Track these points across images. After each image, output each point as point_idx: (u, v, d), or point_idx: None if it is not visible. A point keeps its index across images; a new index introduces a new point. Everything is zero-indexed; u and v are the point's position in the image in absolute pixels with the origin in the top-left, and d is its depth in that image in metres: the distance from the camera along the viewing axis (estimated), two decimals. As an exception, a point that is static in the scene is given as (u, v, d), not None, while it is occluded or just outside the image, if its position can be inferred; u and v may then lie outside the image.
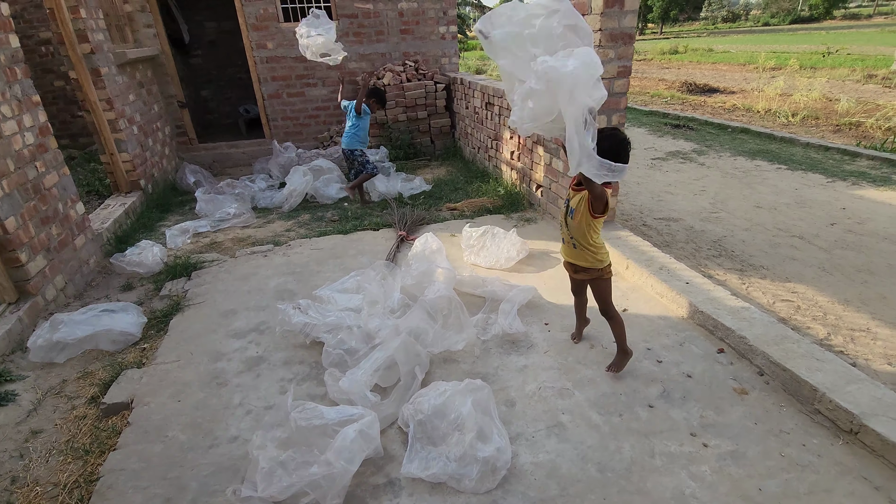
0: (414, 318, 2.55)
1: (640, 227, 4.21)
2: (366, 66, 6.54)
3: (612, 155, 1.90)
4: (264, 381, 2.44)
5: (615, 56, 3.17)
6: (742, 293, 3.11)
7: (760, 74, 14.02)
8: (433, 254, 3.18)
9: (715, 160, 6.12)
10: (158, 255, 3.72)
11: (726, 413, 2.10)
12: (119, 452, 2.05)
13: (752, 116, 9.48)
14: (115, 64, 4.82)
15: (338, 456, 1.75)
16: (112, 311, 2.92)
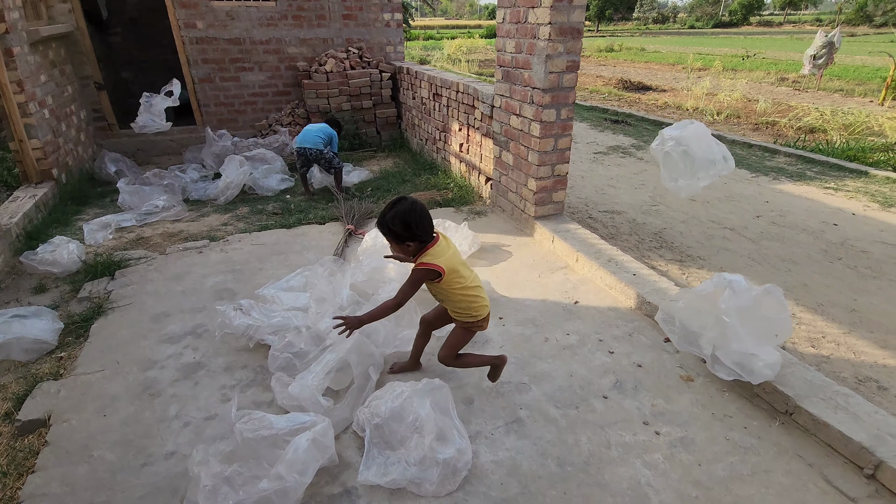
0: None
1: (586, 219, 4.31)
2: (306, 51, 6.25)
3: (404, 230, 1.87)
4: (204, 390, 2.25)
5: (564, 50, 3.19)
6: (683, 283, 3.25)
7: (689, 74, 14.83)
8: (384, 248, 3.07)
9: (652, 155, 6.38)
10: (75, 253, 3.36)
11: (675, 401, 2.17)
12: (38, 475, 1.82)
13: (682, 114, 10.00)
14: (28, 43, 4.29)
15: (289, 468, 1.63)
16: (23, 316, 2.60)
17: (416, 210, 1.92)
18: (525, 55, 3.40)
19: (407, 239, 1.93)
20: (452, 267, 1.95)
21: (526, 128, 3.55)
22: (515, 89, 3.60)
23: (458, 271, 1.98)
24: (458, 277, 1.98)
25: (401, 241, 1.94)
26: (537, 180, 3.58)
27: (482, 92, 4.17)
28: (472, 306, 2.04)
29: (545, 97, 3.30)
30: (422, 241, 1.95)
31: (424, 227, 1.93)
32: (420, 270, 1.94)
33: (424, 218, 1.93)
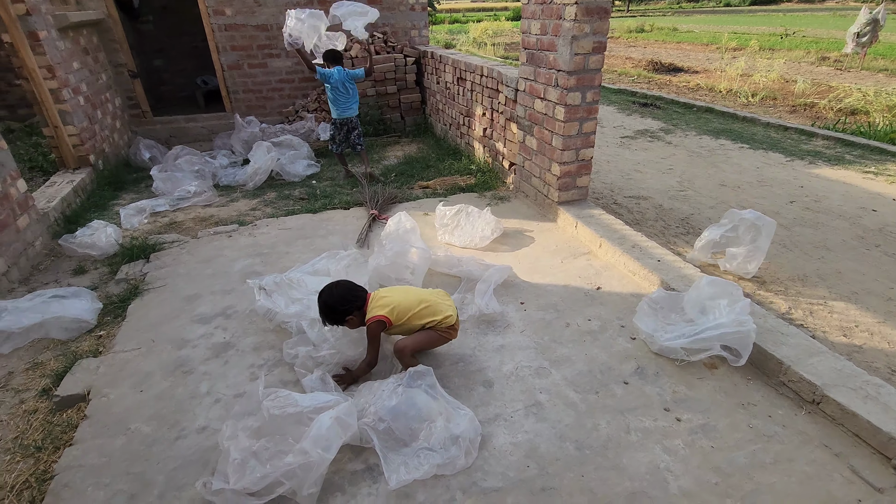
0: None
1: (610, 205, 4.24)
2: (331, 36, 6.25)
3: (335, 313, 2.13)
4: (233, 369, 2.34)
5: (591, 31, 3.12)
6: (708, 270, 3.18)
7: (722, 55, 14.29)
8: (407, 233, 3.11)
9: (681, 139, 6.22)
10: (112, 236, 3.50)
11: (697, 388, 2.15)
12: (76, 448, 1.93)
13: (714, 96, 9.68)
14: (56, 28, 4.43)
15: (314, 444, 1.69)
16: (63, 296, 2.73)
17: (333, 293, 2.14)
18: (550, 37, 3.33)
19: (344, 316, 2.14)
20: (392, 308, 2.13)
21: (550, 111, 3.50)
22: (540, 72, 3.54)
23: (402, 307, 2.14)
24: (405, 311, 2.15)
25: (341, 322, 2.16)
26: (561, 165, 3.54)
27: (506, 75, 4.11)
28: (434, 324, 2.18)
29: (570, 80, 3.24)
30: (357, 308, 2.15)
31: (347, 300, 2.14)
32: (371, 328, 2.13)
33: (344, 294, 2.15)
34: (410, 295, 2.23)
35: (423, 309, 2.18)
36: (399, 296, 2.20)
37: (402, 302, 2.17)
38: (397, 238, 3.05)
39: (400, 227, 3.13)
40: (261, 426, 1.82)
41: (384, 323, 2.12)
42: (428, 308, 2.19)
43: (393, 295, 2.21)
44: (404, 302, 2.17)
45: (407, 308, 2.15)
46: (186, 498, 1.73)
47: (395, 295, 2.21)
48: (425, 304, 2.19)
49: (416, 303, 2.18)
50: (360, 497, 1.73)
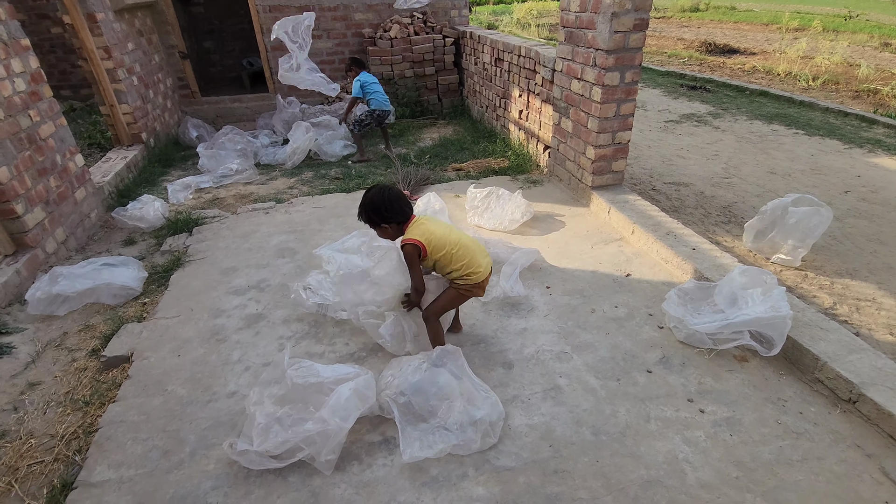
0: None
1: (648, 191, 4.11)
2: (372, 17, 6.28)
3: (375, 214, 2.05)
4: (263, 339, 2.45)
5: (632, 7, 2.99)
6: (749, 260, 3.05)
7: (783, 35, 13.39)
8: (436, 214, 3.12)
9: (731, 124, 5.91)
10: (160, 210, 3.69)
11: (725, 380, 2.08)
12: (118, 405, 2.08)
13: (772, 79, 9.11)
14: (112, 10, 4.64)
15: (332, 413, 1.75)
16: (112, 265, 2.91)
17: (384, 195, 2.06)
18: (590, 14, 3.22)
19: (381, 222, 2.07)
20: (430, 237, 2.02)
21: (587, 92, 3.41)
22: (578, 51, 3.44)
23: (440, 239, 2.04)
24: (443, 253, 2.04)
25: (377, 225, 2.09)
26: (596, 148, 3.45)
27: (544, 55, 4.02)
28: (462, 272, 2.07)
29: (609, 59, 3.13)
30: (397, 222, 2.07)
31: (394, 210, 2.05)
32: (406, 250, 2.04)
33: (394, 201, 2.05)
34: (452, 234, 2.09)
35: (458, 251, 2.05)
36: (440, 229, 2.07)
37: (442, 236, 2.04)
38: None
39: (429, 207, 3.15)
40: (285, 394, 1.90)
41: (419, 248, 2.01)
42: (462, 251, 2.06)
43: (433, 225, 2.08)
44: (443, 237, 2.04)
45: (443, 243, 2.03)
46: (215, 457, 1.84)
47: (436, 227, 2.08)
48: (462, 247, 2.07)
49: (455, 242, 2.06)
50: (376, 467, 1.79)
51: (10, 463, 1.88)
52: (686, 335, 2.24)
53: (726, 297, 2.29)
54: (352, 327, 2.49)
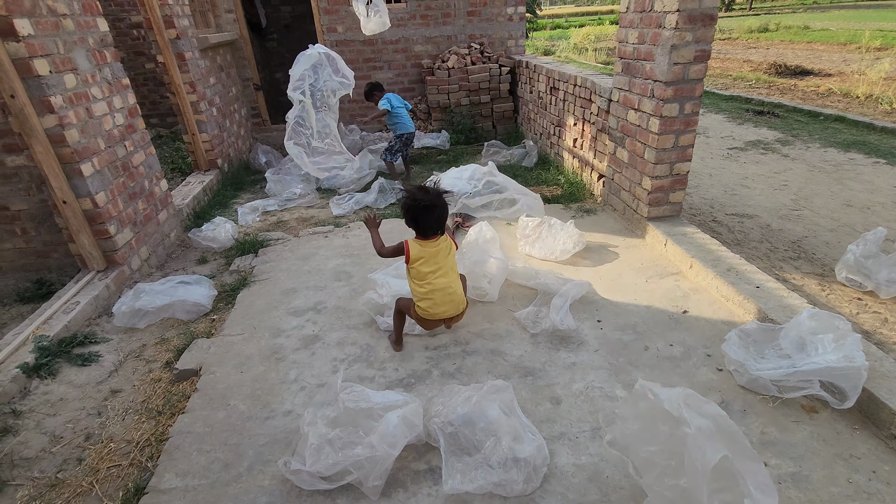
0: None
1: (708, 223, 3.96)
2: (431, 48, 6.52)
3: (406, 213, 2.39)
4: (318, 360, 2.56)
5: (692, 39, 2.96)
6: (821, 300, 2.86)
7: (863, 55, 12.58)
8: (487, 243, 3.16)
9: (801, 152, 5.61)
10: (230, 232, 3.96)
11: (791, 431, 1.95)
12: (187, 416, 2.24)
13: (849, 102, 8.56)
14: (198, 48, 5.11)
15: (381, 440, 1.81)
16: (187, 282, 3.16)
17: (421, 208, 2.32)
18: (648, 46, 3.21)
19: (408, 223, 2.41)
20: (419, 258, 2.36)
21: (644, 123, 3.37)
22: (635, 82, 3.42)
23: (422, 268, 2.36)
24: (418, 272, 2.36)
25: (406, 222, 2.42)
26: (653, 179, 3.38)
27: (600, 85, 4.02)
28: (416, 297, 2.41)
29: (667, 91, 3.09)
30: (417, 231, 2.40)
31: (419, 223, 2.36)
32: (404, 244, 2.42)
33: (426, 217, 2.33)
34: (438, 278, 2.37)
35: (428, 288, 2.35)
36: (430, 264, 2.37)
37: (425, 269, 2.36)
38: (477, 248, 3.12)
39: (480, 236, 3.19)
40: (337, 416, 1.98)
41: (405, 252, 2.39)
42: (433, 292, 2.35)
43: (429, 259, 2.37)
44: (428, 270, 2.36)
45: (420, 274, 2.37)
46: (270, 473, 1.94)
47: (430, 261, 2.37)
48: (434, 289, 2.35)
49: (431, 282, 2.36)
50: (421, 496, 1.81)
51: (93, 464, 2.06)
52: (748, 380, 2.13)
53: (793, 342, 2.17)
54: (402, 354, 2.56)
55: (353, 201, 4.63)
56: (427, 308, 2.40)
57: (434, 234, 2.38)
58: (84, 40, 3.21)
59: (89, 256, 3.23)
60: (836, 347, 2.00)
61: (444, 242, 2.41)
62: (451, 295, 2.40)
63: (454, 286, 2.41)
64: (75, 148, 3.00)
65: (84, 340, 2.79)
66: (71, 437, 2.20)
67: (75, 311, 2.90)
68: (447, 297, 2.39)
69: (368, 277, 3.13)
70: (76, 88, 3.08)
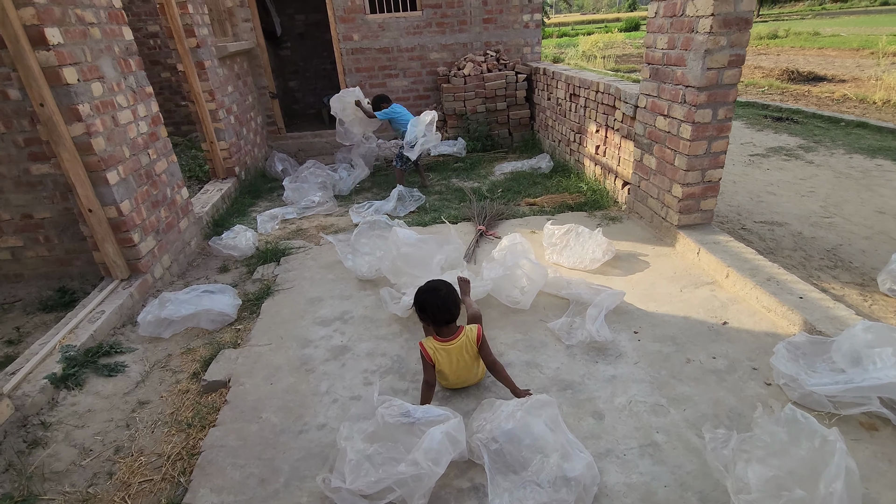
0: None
1: (738, 230, 3.88)
2: (446, 55, 6.51)
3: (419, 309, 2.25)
4: (349, 371, 2.50)
5: (727, 44, 2.90)
6: (864, 311, 2.77)
7: (879, 61, 12.47)
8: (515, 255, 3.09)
9: (826, 158, 5.52)
10: (251, 240, 3.92)
11: (853, 450, 1.85)
12: (218, 429, 2.18)
13: (866, 108, 8.45)
14: (217, 57, 5.12)
15: (425, 456, 1.74)
16: (211, 292, 3.11)
17: (430, 300, 2.19)
18: (679, 51, 3.16)
19: (422, 318, 2.29)
20: (438, 360, 2.18)
21: (674, 129, 3.31)
22: (664, 88, 3.36)
23: (443, 369, 2.19)
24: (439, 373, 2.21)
25: (423, 315, 2.27)
26: (684, 186, 3.32)
27: (625, 92, 3.96)
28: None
29: (700, 96, 3.03)
30: (433, 324, 2.22)
31: (434, 316, 2.18)
32: (420, 350, 2.20)
33: (439, 310, 2.16)
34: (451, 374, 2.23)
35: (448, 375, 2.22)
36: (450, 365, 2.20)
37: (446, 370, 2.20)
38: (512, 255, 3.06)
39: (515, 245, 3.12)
40: (374, 431, 1.92)
41: (425, 358, 2.18)
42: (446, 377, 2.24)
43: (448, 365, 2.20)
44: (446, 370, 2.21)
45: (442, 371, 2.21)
46: (307, 489, 1.87)
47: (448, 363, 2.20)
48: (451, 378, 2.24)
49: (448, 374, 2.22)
50: (466, 515, 1.74)
51: (124, 478, 2.01)
52: (800, 395, 2.05)
53: (847, 356, 2.08)
54: (435, 364, 2.50)
55: (373, 209, 4.59)
56: (447, 386, 2.32)
57: (448, 323, 2.19)
58: (110, 49, 3.20)
59: (113, 265, 3.20)
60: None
61: (463, 337, 2.20)
62: (470, 380, 2.30)
63: (472, 377, 2.29)
64: (101, 156, 2.98)
65: (110, 350, 2.75)
66: (100, 450, 2.15)
67: (101, 320, 2.86)
68: (466, 382, 2.30)
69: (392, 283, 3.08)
70: (103, 97, 3.06)
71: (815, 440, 1.58)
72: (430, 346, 2.18)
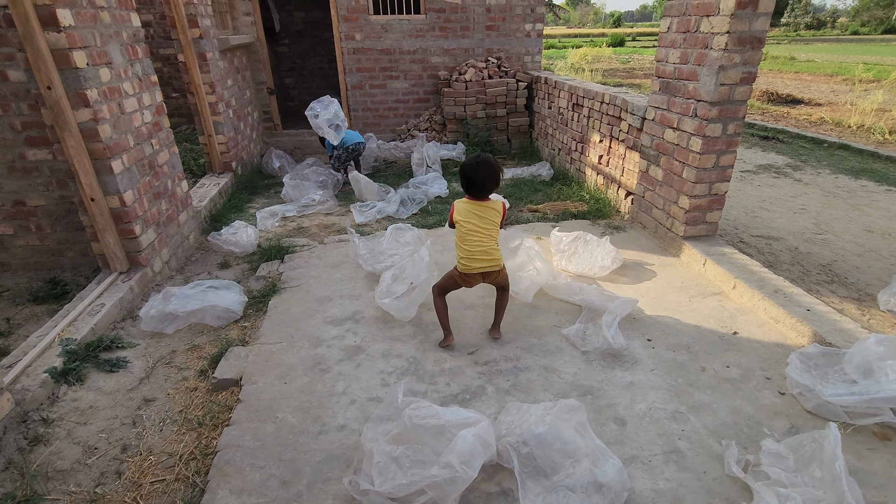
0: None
1: (737, 243, 3.97)
2: (448, 60, 6.53)
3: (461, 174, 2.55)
4: (365, 372, 2.45)
5: (740, 61, 2.98)
6: (865, 325, 2.86)
7: (852, 87, 13.02)
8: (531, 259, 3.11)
9: (813, 177, 5.71)
10: (252, 237, 3.84)
11: (868, 459, 1.92)
12: (233, 428, 2.11)
13: (842, 131, 8.80)
14: (219, 49, 5.02)
15: (459, 459, 1.71)
16: (217, 288, 3.03)
17: (468, 169, 2.49)
18: (691, 66, 3.23)
19: (462, 184, 2.55)
20: (462, 214, 2.53)
21: (683, 142, 3.38)
22: (675, 102, 3.43)
23: (465, 224, 2.51)
24: (461, 226, 2.53)
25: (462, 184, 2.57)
26: (691, 198, 3.38)
27: (632, 103, 4.03)
28: (458, 258, 2.56)
29: (712, 111, 3.10)
30: (467, 190, 2.55)
31: (465, 184, 2.52)
32: (451, 206, 2.62)
33: (475, 174, 2.47)
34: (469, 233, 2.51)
35: (463, 239, 2.51)
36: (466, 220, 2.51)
37: (463, 224, 2.51)
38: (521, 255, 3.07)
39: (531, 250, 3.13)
40: (400, 433, 1.88)
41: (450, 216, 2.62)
42: (466, 241, 2.51)
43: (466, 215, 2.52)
44: (464, 226, 2.51)
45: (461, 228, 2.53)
46: (332, 492, 1.83)
47: (466, 217, 2.51)
48: (467, 238, 2.51)
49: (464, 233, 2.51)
50: (497, 519, 1.72)
51: (133, 478, 1.92)
52: (815, 405, 2.10)
53: (858, 367, 2.14)
54: (451, 367, 2.48)
55: (376, 210, 4.55)
56: (466, 263, 2.52)
57: (480, 195, 2.52)
58: (119, 34, 3.11)
59: (112, 256, 3.08)
60: (911, 374, 1.98)
61: (491, 208, 2.54)
62: (489, 253, 2.52)
63: (492, 251, 2.54)
64: (107, 144, 2.88)
65: (111, 345, 2.65)
66: (106, 448, 2.06)
67: (101, 313, 2.75)
68: (485, 254, 2.52)
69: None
70: (110, 83, 2.97)
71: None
72: (460, 204, 2.55)
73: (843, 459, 1.63)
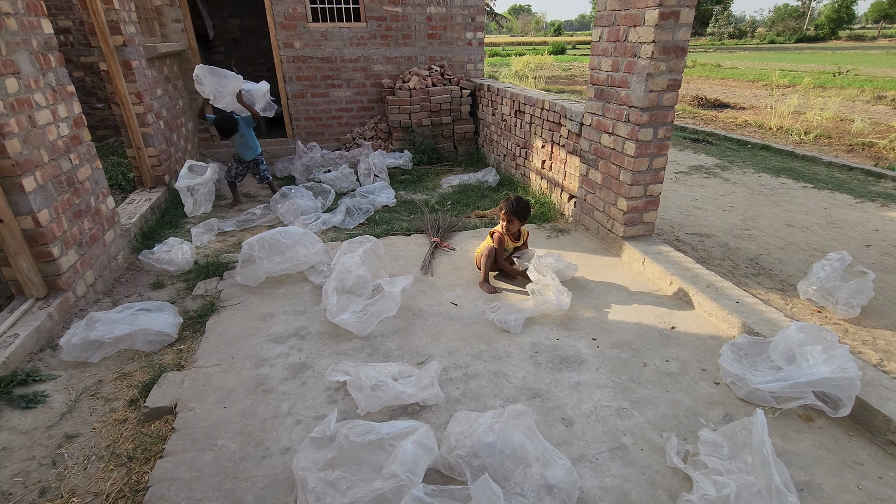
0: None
1: (673, 241, 4.16)
2: (391, 68, 6.50)
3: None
4: (311, 390, 2.37)
5: (666, 69, 3.13)
6: (788, 314, 3.06)
7: (771, 92, 14.06)
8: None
9: (739, 176, 6.09)
10: (188, 253, 3.64)
11: (795, 441, 2.04)
12: (167, 460, 1.98)
13: (764, 133, 9.48)
14: (146, 58, 4.76)
15: (402, 468, 1.67)
16: (148, 310, 2.85)
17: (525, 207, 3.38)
18: (622, 74, 3.37)
19: (514, 214, 3.33)
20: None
21: (619, 147, 3.51)
22: (609, 108, 3.57)
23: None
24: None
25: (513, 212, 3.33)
26: (628, 200, 3.51)
27: (570, 110, 4.16)
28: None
29: (643, 116, 3.24)
30: (518, 218, 3.36)
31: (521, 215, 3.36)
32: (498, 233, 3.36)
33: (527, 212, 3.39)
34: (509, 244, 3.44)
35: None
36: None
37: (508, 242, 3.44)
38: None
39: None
40: (335, 456, 1.80)
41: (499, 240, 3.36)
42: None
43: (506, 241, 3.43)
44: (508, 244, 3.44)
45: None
46: (276, 520, 1.74)
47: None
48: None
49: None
50: (449, 532, 1.69)
51: (53, 525, 1.76)
52: (746, 393, 2.22)
53: (782, 354, 2.28)
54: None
55: (320, 221, 4.44)
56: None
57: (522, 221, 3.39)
58: (27, 42, 2.88)
59: (27, 282, 2.84)
60: (828, 359, 2.12)
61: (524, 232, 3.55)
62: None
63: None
64: (16, 160, 2.65)
65: (26, 379, 2.42)
66: (22, 493, 1.87)
67: (14, 344, 2.52)
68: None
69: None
70: (18, 94, 2.74)
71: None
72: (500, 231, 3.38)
73: (771, 444, 1.72)
